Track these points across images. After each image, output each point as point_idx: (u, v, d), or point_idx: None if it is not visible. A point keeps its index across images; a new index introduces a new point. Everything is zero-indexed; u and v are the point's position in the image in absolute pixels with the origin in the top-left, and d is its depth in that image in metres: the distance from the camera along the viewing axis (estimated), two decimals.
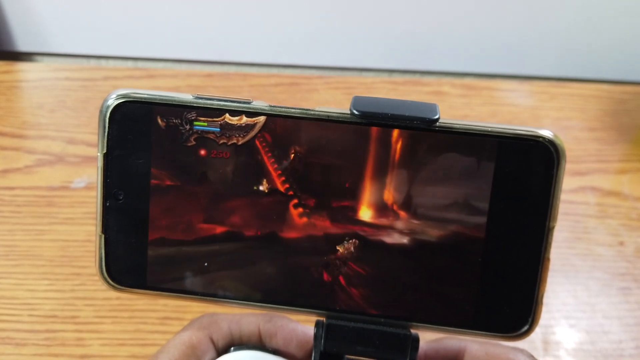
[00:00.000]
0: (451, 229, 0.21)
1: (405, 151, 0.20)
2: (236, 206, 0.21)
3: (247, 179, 0.21)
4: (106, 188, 0.21)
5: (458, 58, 0.61)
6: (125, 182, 0.21)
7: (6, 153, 0.48)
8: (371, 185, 0.21)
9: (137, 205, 0.21)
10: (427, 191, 0.21)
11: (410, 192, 0.21)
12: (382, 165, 0.21)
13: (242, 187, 0.21)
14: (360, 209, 0.21)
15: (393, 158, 0.21)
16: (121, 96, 0.20)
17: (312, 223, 0.21)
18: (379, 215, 0.21)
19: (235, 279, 0.22)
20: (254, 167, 0.21)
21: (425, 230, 0.21)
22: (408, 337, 0.21)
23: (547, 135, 0.20)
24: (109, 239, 0.21)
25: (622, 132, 0.53)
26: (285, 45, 0.60)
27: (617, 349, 0.39)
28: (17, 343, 0.37)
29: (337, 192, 0.21)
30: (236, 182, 0.21)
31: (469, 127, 0.20)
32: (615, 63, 0.61)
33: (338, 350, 0.22)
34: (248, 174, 0.21)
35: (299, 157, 0.21)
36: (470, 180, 0.20)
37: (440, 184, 0.20)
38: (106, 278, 0.21)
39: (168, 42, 0.60)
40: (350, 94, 0.55)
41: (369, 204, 0.21)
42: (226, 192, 0.21)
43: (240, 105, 0.20)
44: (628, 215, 0.46)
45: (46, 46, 0.60)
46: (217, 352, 0.23)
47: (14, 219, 0.43)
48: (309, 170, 0.21)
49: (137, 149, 0.21)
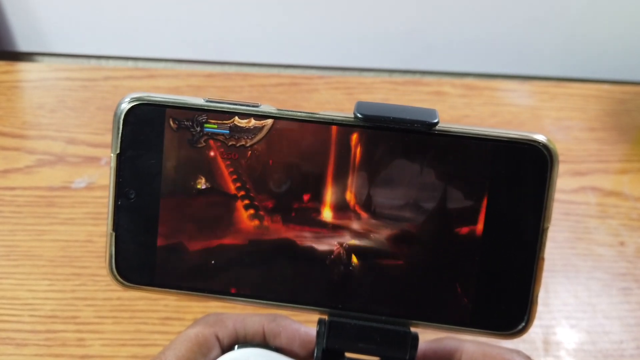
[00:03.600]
0: (449, 229, 0.21)
1: (403, 154, 0.21)
2: (245, 206, 0.22)
3: (254, 179, 0.22)
4: (118, 187, 0.21)
5: (458, 58, 0.61)
6: (137, 182, 0.22)
7: (7, 153, 0.48)
8: (372, 185, 0.21)
9: (148, 204, 0.22)
10: (426, 193, 0.21)
11: (409, 194, 0.21)
12: (382, 166, 0.21)
13: (250, 187, 0.22)
14: (361, 209, 0.21)
15: (393, 159, 0.21)
16: (135, 99, 0.21)
17: (318, 221, 0.21)
18: (379, 215, 0.21)
19: (242, 277, 0.22)
20: (260, 168, 0.21)
21: (424, 231, 0.21)
22: (408, 334, 0.22)
23: (540, 139, 0.21)
24: (119, 237, 0.22)
25: (623, 132, 0.53)
26: (285, 46, 0.60)
27: (618, 349, 0.39)
28: (17, 343, 0.37)
29: (342, 192, 0.21)
30: (244, 183, 0.22)
31: (466, 132, 0.21)
32: (616, 63, 0.61)
33: (340, 347, 0.22)
34: (254, 174, 0.21)
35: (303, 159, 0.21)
36: (467, 182, 0.21)
37: (438, 186, 0.21)
38: (115, 275, 0.22)
39: (168, 42, 0.60)
40: (350, 94, 0.55)
41: (371, 204, 0.21)
42: (234, 192, 0.22)
43: (249, 109, 0.21)
44: (628, 216, 0.47)
45: (47, 46, 0.60)
46: (222, 349, 0.24)
47: (14, 219, 0.43)
48: (313, 170, 0.21)
49: (149, 149, 0.21)
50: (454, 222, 0.21)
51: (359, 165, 0.21)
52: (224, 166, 0.21)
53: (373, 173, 0.21)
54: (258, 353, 0.23)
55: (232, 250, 0.22)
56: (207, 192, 0.22)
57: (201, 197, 0.22)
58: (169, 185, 0.22)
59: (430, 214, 0.21)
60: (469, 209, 0.21)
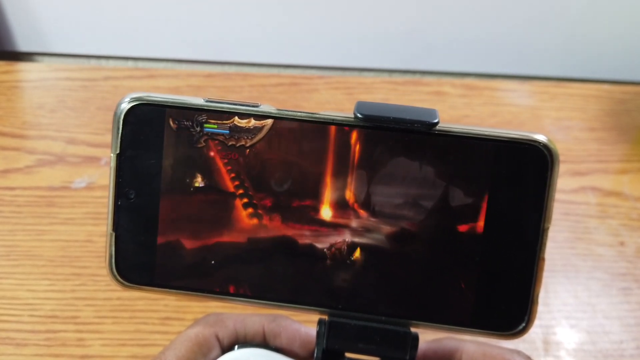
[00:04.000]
0: (449, 229, 0.21)
1: (403, 154, 0.21)
2: (243, 205, 0.22)
3: (253, 178, 0.22)
4: (118, 187, 0.21)
5: (458, 58, 0.61)
6: (137, 182, 0.22)
7: (7, 153, 0.48)
8: (372, 185, 0.21)
9: (148, 204, 0.22)
10: (426, 193, 0.21)
11: (409, 193, 0.21)
12: (382, 166, 0.21)
13: (249, 187, 0.22)
14: (360, 208, 0.21)
15: (393, 159, 0.21)
16: (135, 99, 0.21)
17: (318, 220, 0.22)
18: (379, 215, 0.21)
19: (242, 276, 0.22)
20: (259, 167, 0.21)
21: (425, 231, 0.21)
22: (408, 334, 0.22)
23: (541, 139, 0.21)
24: (119, 237, 0.22)
25: (623, 132, 0.53)
26: (285, 46, 0.60)
27: (618, 350, 0.39)
28: (17, 343, 0.37)
29: (342, 191, 0.21)
30: (243, 182, 0.22)
31: (467, 132, 0.21)
32: (616, 63, 0.61)
33: (340, 347, 0.22)
34: (254, 173, 0.22)
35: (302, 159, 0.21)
36: (467, 182, 0.21)
37: (439, 186, 0.21)
38: (115, 275, 0.22)
39: (168, 42, 0.60)
40: (350, 94, 0.55)
41: (370, 204, 0.21)
42: (233, 191, 0.22)
43: (249, 109, 0.21)
44: (628, 216, 0.47)
45: (47, 46, 0.60)
46: (222, 349, 0.24)
47: (14, 219, 0.43)
48: (313, 170, 0.21)
49: (149, 149, 0.21)
50: (454, 222, 0.21)
51: (358, 164, 0.21)
52: (223, 166, 0.22)
53: (373, 172, 0.21)
54: (258, 353, 0.23)
55: (231, 249, 0.22)
56: (207, 191, 0.22)
57: (201, 196, 0.22)
58: (168, 185, 0.22)
59: (430, 214, 0.21)
60: (469, 209, 0.21)
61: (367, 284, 0.22)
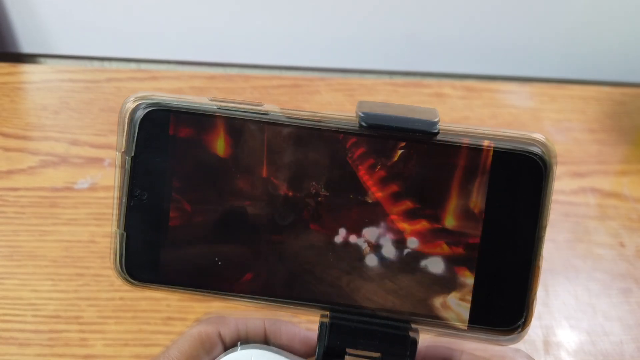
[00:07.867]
0: (448, 229, 0.21)
1: (404, 160, 0.21)
2: (250, 205, 0.22)
3: (262, 180, 0.22)
4: (128, 187, 0.22)
5: (459, 60, 0.61)
6: (146, 182, 0.22)
7: (10, 154, 0.48)
8: (373, 188, 0.22)
9: (157, 205, 0.22)
10: (426, 194, 0.22)
11: (410, 198, 0.22)
12: (383, 169, 0.21)
13: (257, 187, 0.22)
14: (360, 210, 0.22)
15: (393, 164, 0.21)
16: (140, 98, 0.22)
17: (323, 223, 0.22)
18: (379, 217, 0.22)
19: (246, 275, 0.22)
20: (262, 167, 0.22)
21: (424, 234, 0.22)
22: (408, 335, 0.22)
23: (536, 151, 0.21)
24: (127, 236, 0.22)
25: (623, 133, 0.54)
26: (287, 47, 0.60)
27: (618, 350, 0.39)
28: (20, 343, 0.37)
29: (342, 192, 0.22)
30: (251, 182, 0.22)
31: (467, 132, 0.21)
32: (615, 65, 0.61)
33: (341, 344, 0.22)
34: (261, 174, 0.22)
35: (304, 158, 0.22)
36: (466, 187, 0.21)
37: (439, 187, 0.21)
38: (123, 274, 0.22)
39: (171, 44, 0.60)
40: (351, 95, 0.55)
41: (371, 208, 0.22)
42: (241, 192, 0.22)
43: (252, 108, 0.22)
44: (628, 217, 0.47)
45: (50, 48, 0.60)
46: (224, 347, 0.24)
47: (17, 220, 0.43)
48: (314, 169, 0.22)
49: (158, 150, 0.22)
50: (455, 224, 0.21)
51: (358, 164, 0.21)
52: (232, 165, 0.22)
53: (373, 173, 0.21)
54: (260, 353, 0.24)
55: (238, 249, 0.22)
56: (215, 192, 0.22)
57: (209, 197, 0.22)
58: (177, 185, 0.22)
59: (430, 214, 0.22)
60: (467, 211, 0.21)
61: (367, 283, 0.22)
